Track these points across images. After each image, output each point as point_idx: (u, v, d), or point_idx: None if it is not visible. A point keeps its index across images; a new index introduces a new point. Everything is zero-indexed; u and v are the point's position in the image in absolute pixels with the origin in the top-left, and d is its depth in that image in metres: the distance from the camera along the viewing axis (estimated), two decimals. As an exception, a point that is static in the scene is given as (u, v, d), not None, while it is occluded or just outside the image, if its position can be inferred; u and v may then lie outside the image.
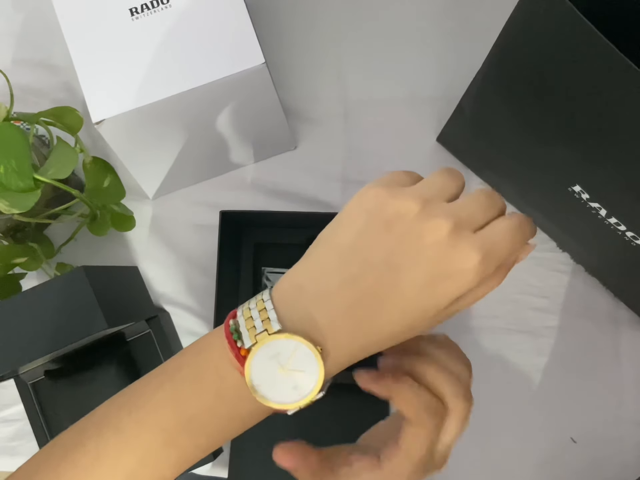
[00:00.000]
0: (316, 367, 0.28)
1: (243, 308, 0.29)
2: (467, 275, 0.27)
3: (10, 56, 0.63)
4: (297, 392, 0.28)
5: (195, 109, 0.48)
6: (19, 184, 0.44)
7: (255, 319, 0.28)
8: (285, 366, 0.28)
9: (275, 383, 0.28)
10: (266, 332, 0.28)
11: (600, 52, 0.32)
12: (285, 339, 0.27)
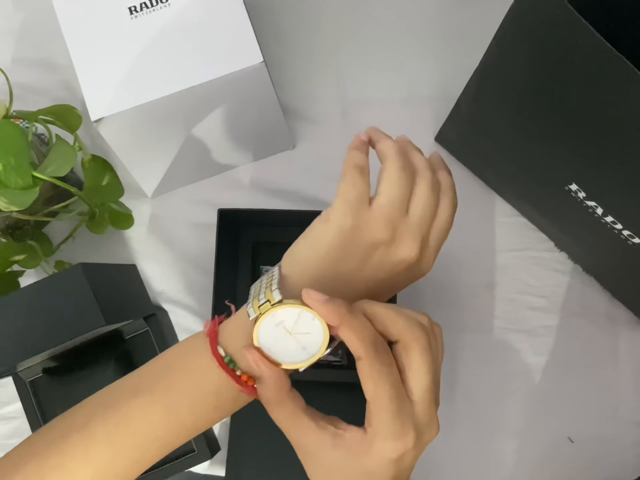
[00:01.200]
0: (320, 328, 0.30)
1: (256, 284, 0.33)
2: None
3: (10, 55, 0.63)
4: (306, 351, 0.31)
5: (194, 107, 0.48)
6: (18, 182, 0.44)
7: (260, 292, 0.31)
8: (291, 331, 0.30)
9: (285, 346, 0.31)
10: (268, 303, 0.30)
11: (596, 51, 0.32)
12: (287, 308, 0.30)
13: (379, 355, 0.29)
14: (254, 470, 0.55)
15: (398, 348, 0.31)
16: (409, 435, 0.30)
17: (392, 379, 0.29)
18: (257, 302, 0.31)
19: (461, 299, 0.58)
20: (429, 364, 0.31)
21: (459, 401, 0.56)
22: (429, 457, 0.56)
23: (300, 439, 0.32)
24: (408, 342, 0.30)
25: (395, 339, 0.31)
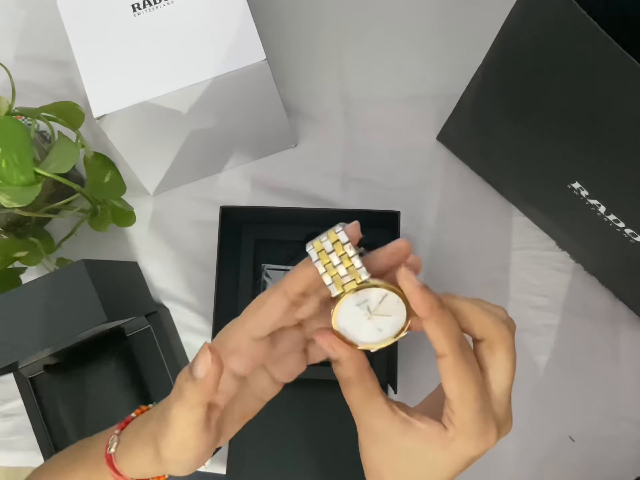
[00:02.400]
0: (404, 312, 0.29)
1: (317, 249, 0.29)
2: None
3: (12, 52, 0.63)
4: (381, 333, 0.29)
5: (196, 105, 0.48)
6: (20, 178, 0.44)
7: (337, 265, 0.28)
8: (372, 312, 0.29)
9: (361, 326, 0.29)
10: (354, 282, 0.28)
11: (600, 48, 0.32)
12: (375, 289, 0.28)
13: (465, 353, 0.28)
14: (255, 469, 0.55)
15: (482, 347, 0.30)
16: (491, 434, 0.30)
17: (477, 377, 0.29)
18: (338, 279, 0.28)
19: (462, 298, 0.58)
20: (514, 364, 0.31)
21: (460, 400, 0.56)
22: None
23: (371, 421, 0.31)
24: (495, 342, 0.30)
25: (479, 337, 0.30)
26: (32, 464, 0.57)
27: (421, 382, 0.56)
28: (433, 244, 0.59)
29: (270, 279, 0.57)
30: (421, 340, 0.58)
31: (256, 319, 0.31)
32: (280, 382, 0.34)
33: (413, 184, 0.59)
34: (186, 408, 0.30)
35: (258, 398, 0.34)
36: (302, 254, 0.57)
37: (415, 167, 0.60)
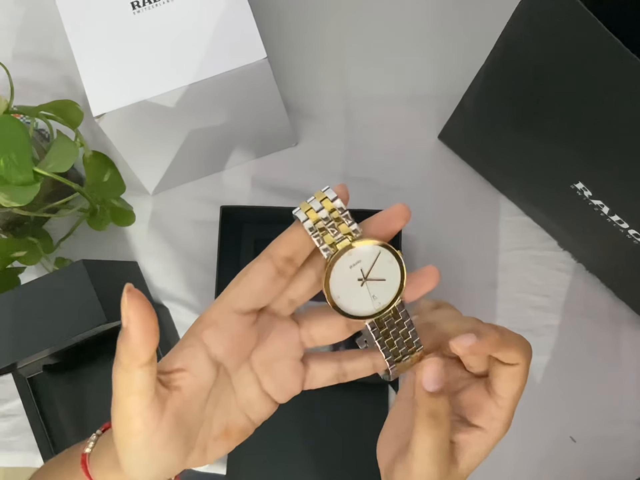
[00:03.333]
0: (398, 274, 0.27)
1: (305, 209, 0.26)
2: None
3: (11, 50, 0.63)
4: (376, 301, 0.27)
5: (196, 103, 0.48)
6: (19, 177, 0.44)
7: (328, 223, 0.26)
8: (366, 275, 0.26)
9: (355, 293, 0.27)
10: (347, 239, 0.26)
11: (605, 48, 0.31)
12: (369, 245, 0.26)
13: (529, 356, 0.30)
14: (255, 469, 0.54)
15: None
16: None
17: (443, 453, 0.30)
18: (329, 236, 0.25)
19: (463, 298, 0.57)
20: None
21: (461, 400, 0.56)
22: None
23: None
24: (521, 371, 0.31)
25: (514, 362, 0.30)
26: (30, 464, 0.57)
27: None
28: (434, 243, 0.58)
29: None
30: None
31: (238, 287, 0.28)
32: (270, 396, 0.30)
33: (414, 184, 0.59)
34: (121, 371, 0.26)
35: (245, 415, 0.30)
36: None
37: (416, 166, 0.60)
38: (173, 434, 0.27)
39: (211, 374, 0.28)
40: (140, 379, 0.25)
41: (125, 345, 0.25)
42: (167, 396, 0.27)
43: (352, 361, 0.30)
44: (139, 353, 0.25)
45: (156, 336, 0.26)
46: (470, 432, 0.31)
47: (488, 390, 0.31)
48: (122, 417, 0.26)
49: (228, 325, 0.28)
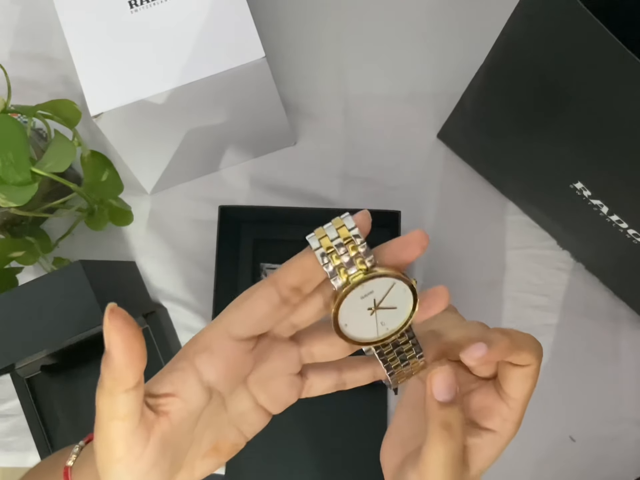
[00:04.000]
0: (410, 302, 0.26)
1: (320, 236, 0.25)
2: None
3: (8, 49, 0.62)
4: (383, 327, 0.26)
5: (194, 103, 0.48)
6: (16, 177, 0.44)
7: (342, 254, 0.24)
8: (377, 305, 0.26)
9: (363, 322, 0.26)
10: (361, 272, 0.24)
11: (605, 48, 0.31)
12: (382, 278, 0.25)
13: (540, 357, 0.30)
14: (254, 469, 0.54)
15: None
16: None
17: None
18: (344, 272, 0.24)
19: (462, 297, 0.57)
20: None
21: (460, 400, 0.56)
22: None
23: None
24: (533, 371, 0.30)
25: (526, 363, 0.29)
26: (28, 464, 0.57)
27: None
28: (433, 242, 0.58)
29: (269, 278, 0.57)
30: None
31: (238, 312, 0.26)
32: (264, 409, 0.28)
33: (413, 183, 0.59)
34: (105, 395, 0.24)
35: (237, 428, 0.28)
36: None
37: (415, 165, 0.59)
38: (159, 459, 0.25)
39: (202, 399, 0.26)
40: (125, 403, 0.24)
41: (109, 370, 0.24)
42: (154, 421, 0.25)
43: (352, 371, 0.29)
44: (123, 377, 0.24)
45: (142, 359, 0.24)
46: (481, 435, 0.30)
47: (498, 392, 0.30)
48: (105, 442, 0.25)
49: (223, 352, 0.26)
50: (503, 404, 0.30)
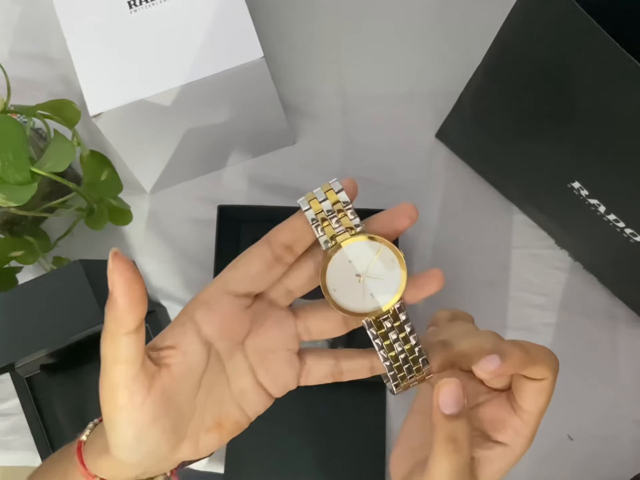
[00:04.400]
0: (399, 274, 0.26)
1: (309, 198, 0.26)
2: None
3: (7, 48, 0.62)
4: (373, 300, 0.27)
5: (194, 102, 0.48)
6: (16, 177, 0.44)
7: (330, 215, 0.25)
8: (364, 271, 0.26)
9: (351, 288, 0.26)
10: (347, 233, 0.25)
11: (601, 48, 0.31)
12: (369, 241, 0.26)
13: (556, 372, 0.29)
14: (253, 468, 0.55)
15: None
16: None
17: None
18: (330, 228, 0.25)
19: (460, 297, 0.58)
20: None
21: (458, 399, 0.56)
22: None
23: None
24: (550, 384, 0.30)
25: (541, 377, 0.29)
26: (28, 463, 0.57)
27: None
28: (432, 242, 0.58)
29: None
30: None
31: (234, 270, 0.28)
32: (264, 388, 0.29)
33: (412, 182, 0.59)
34: (108, 338, 0.25)
35: (239, 406, 0.29)
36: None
37: (413, 165, 0.60)
38: (160, 413, 0.26)
39: (202, 354, 0.27)
40: (127, 346, 0.25)
41: (112, 311, 0.25)
42: (155, 373, 0.26)
43: (349, 360, 0.29)
44: (124, 319, 0.25)
45: (143, 303, 0.25)
46: (492, 448, 0.30)
47: (512, 405, 0.30)
48: (109, 388, 0.26)
49: (220, 306, 0.27)
50: (516, 417, 0.30)
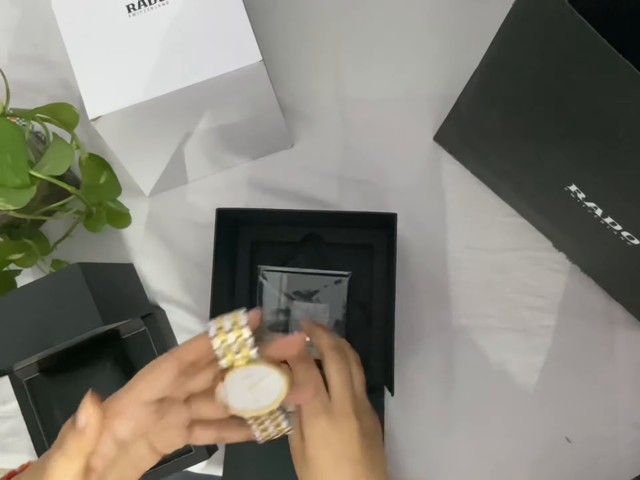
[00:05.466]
0: (281, 390, 0.34)
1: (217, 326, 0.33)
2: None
3: (6, 52, 0.63)
4: (257, 404, 0.34)
5: (192, 106, 0.48)
6: (15, 180, 0.44)
7: (232, 344, 0.33)
8: (254, 386, 0.34)
9: (241, 397, 0.34)
10: (244, 360, 0.33)
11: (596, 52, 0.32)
12: (262, 367, 0.33)
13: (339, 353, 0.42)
14: (252, 471, 0.55)
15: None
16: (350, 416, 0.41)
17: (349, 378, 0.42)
18: (231, 354, 0.33)
19: (459, 299, 0.58)
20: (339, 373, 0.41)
21: (456, 401, 0.56)
22: (426, 457, 0.56)
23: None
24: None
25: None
26: (27, 466, 0.57)
27: (418, 382, 0.56)
28: (429, 244, 0.59)
29: (266, 280, 0.57)
30: (418, 341, 0.58)
31: (145, 381, 0.34)
32: (159, 452, 0.36)
33: (410, 185, 0.59)
34: (65, 457, 0.32)
35: (135, 467, 0.36)
36: (298, 256, 0.57)
37: (411, 167, 0.60)
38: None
39: (115, 450, 0.34)
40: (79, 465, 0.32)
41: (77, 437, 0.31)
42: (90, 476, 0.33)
43: (230, 431, 0.37)
44: (88, 447, 0.32)
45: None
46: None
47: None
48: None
49: (134, 415, 0.34)
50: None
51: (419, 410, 0.56)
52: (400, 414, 0.56)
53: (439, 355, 0.57)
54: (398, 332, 0.51)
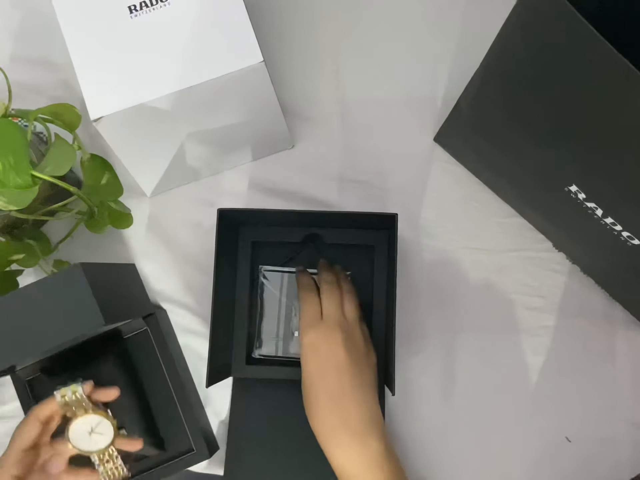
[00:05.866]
0: (112, 432, 0.46)
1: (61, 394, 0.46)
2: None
3: (8, 53, 0.63)
4: (97, 445, 0.46)
5: (193, 107, 0.48)
6: (17, 181, 0.44)
7: (72, 403, 0.46)
8: (93, 429, 0.46)
9: (84, 439, 0.46)
10: (82, 411, 0.46)
11: (597, 53, 0.32)
12: (94, 416, 0.46)
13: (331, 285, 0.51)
14: (253, 470, 0.55)
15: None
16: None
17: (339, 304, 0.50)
18: (72, 410, 0.46)
19: (459, 299, 0.58)
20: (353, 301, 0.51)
21: (456, 401, 0.56)
22: (426, 457, 0.56)
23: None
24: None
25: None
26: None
27: (419, 382, 0.57)
28: (430, 245, 0.59)
29: (267, 280, 0.57)
30: (419, 341, 0.58)
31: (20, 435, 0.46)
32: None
33: (410, 185, 0.60)
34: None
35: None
36: (299, 256, 0.58)
37: (412, 168, 0.60)
38: None
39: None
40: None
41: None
42: None
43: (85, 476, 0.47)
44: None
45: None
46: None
47: None
48: None
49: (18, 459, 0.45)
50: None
51: (419, 410, 0.56)
52: (401, 413, 0.56)
53: (440, 356, 0.57)
54: (399, 332, 0.52)
